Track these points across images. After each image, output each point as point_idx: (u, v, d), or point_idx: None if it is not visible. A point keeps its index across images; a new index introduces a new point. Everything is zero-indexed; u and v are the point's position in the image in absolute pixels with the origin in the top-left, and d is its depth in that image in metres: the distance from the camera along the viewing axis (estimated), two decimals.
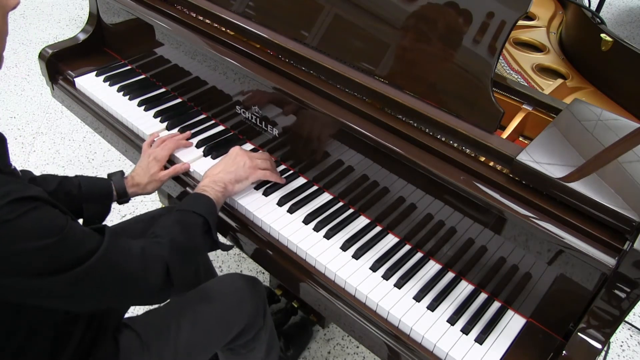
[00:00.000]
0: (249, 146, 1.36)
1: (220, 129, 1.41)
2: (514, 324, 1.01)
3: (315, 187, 1.25)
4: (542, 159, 0.92)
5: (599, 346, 0.86)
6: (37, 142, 2.64)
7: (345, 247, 1.11)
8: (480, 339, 0.97)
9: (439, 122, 1.02)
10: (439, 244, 1.09)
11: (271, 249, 1.14)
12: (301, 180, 1.27)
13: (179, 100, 1.52)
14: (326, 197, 1.23)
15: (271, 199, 1.21)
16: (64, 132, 2.72)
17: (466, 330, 0.98)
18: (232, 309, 1.21)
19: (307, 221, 1.16)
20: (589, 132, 1.01)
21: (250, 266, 2.09)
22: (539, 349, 0.97)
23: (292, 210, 1.18)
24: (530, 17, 1.77)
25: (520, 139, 1.16)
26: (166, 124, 1.42)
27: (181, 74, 1.46)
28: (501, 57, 1.49)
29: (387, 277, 1.06)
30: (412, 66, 1.07)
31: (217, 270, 2.00)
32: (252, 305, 1.24)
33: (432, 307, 1.01)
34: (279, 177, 1.24)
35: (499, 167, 0.98)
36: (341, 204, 1.22)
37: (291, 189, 1.24)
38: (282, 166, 1.31)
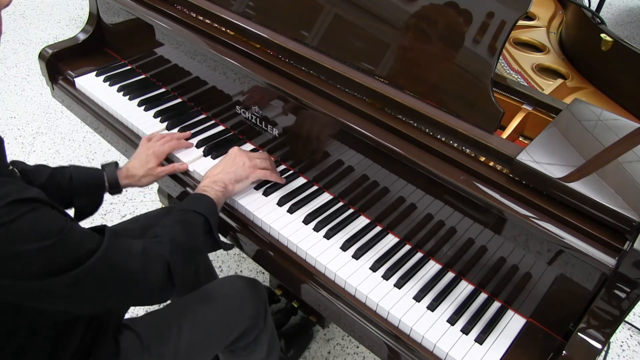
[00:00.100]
0: (249, 146, 1.36)
1: (220, 129, 1.41)
2: (514, 324, 1.01)
3: (315, 187, 1.25)
4: (542, 159, 0.92)
5: (599, 346, 0.86)
6: (37, 142, 2.64)
7: (345, 247, 1.11)
8: (480, 339, 0.97)
9: (439, 122, 1.02)
10: (439, 244, 1.09)
11: (271, 249, 1.14)
12: (301, 180, 1.27)
13: (179, 100, 1.52)
14: (326, 197, 1.23)
15: (271, 199, 1.21)
16: (64, 132, 2.72)
17: (466, 330, 0.98)
18: (233, 311, 1.21)
19: (307, 221, 1.16)
20: (589, 132, 1.01)
21: (250, 266, 2.09)
22: (539, 349, 0.97)
23: (292, 210, 1.18)
24: (530, 17, 1.77)
25: (520, 139, 1.16)
26: (166, 124, 1.42)
27: (181, 74, 1.46)
28: (501, 57, 1.49)
29: (387, 277, 1.06)
30: (412, 66, 1.08)
31: (217, 270, 2.00)
32: (253, 307, 1.24)
33: (432, 307, 1.01)
34: (278, 177, 1.24)
35: (499, 167, 0.98)
36: (341, 204, 1.22)
37: (291, 189, 1.24)
38: (282, 166, 1.31)
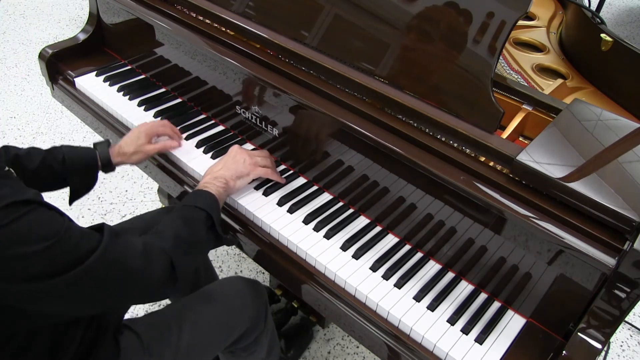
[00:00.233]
0: (249, 146, 1.36)
1: (220, 129, 1.41)
2: (514, 324, 1.01)
3: (315, 187, 1.25)
4: (542, 159, 0.92)
5: (599, 346, 0.86)
6: (37, 142, 2.64)
7: (345, 247, 1.11)
8: (480, 339, 0.97)
9: (439, 122, 1.02)
10: (439, 244, 1.09)
11: (271, 249, 1.14)
12: (301, 180, 1.27)
13: (179, 100, 1.52)
14: (326, 197, 1.23)
15: (271, 199, 1.21)
16: (64, 132, 2.72)
17: (466, 330, 0.98)
18: (233, 312, 1.21)
19: (307, 221, 1.16)
20: (589, 132, 1.01)
21: (250, 266, 2.09)
22: (539, 349, 0.97)
23: (292, 210, 1.18)
24: (530, 17, 1.77)
25: (520, 139, 1.16)
26: None
27: (181, 74, 1.46)
28: (501, 57, 1.49)
29: (387, 277, 1.06)
30: (412, 66, 1.08)
31: (217, 270, 2.00)
32: (254, 309, 1.24)
33: (432, 307, 1.01)
34: (279, 176, 1.24)
35: (499, 167, 0.98)
36: (341, 204, 1.22)
37: (291, 189, 1.24)
38: (282, 166, 1.31)
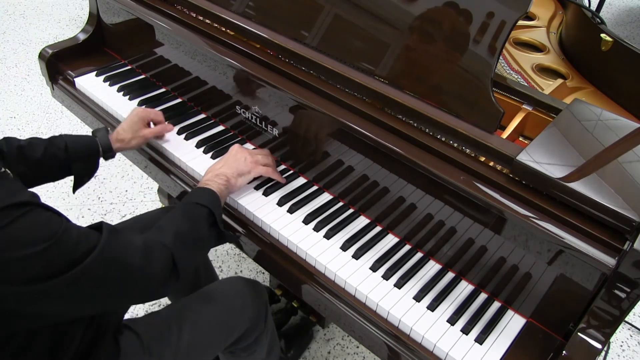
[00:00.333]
0: (249, 146, 1.36)
1: (220, 128, 1.41)
2: (514, 324, 1.01)
3: (315, 187, 1.25)
4: (542, 159, 0.92)
5: (599, 346, 0.86)
6: None
7: (345, 247, 1.11)
8: (480, 339, 0.97)
9: (439, 122, 1.02)
10: (439, 244, 1.09)
11: (271, 249, 1.14)
12: (301, 180, 1.27)
13: (179, 100, 1.52)
14: (326, 197, 1.23)
15: (271, 199, 1.21)
16: (63, 132, 2.71)
17: (466, 330, 0.98)
18: (233, 312, 1.21)
19: (307, 221, 1.16)
20: (589, 132, 1.01)
21: (250, 266, 2.09)
22: (539, 349, 0.97)
23: (292, 210, 1.18)
24: (530, 17, 1.77)
25: (520, 139, 1.16)
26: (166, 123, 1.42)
27: (181, 74, 1.46)
28: (501, 57, 1.49)
29: (387, 277, 1.06)
30: (412, 66, 1.08)
31: (217, 270, 2.00)
32: (254, 309, 1.24)
33: (432, 307, 1.01)
34: (279, 175, 1.24)
35: (499, 167, 0.98)
36: (341, 204, 1.22)
37: (291, 189, 1.24)
38: (282, 166, 1.31)
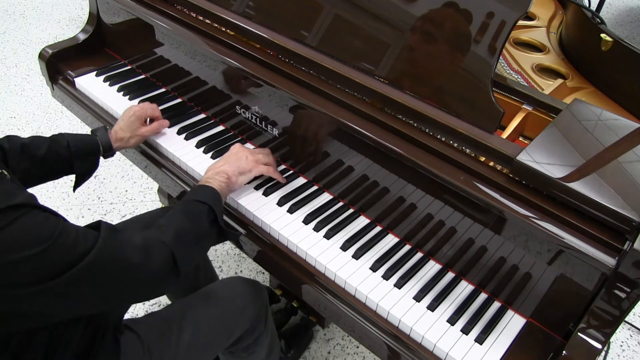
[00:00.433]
0: (249, 146, 1.36)
1: (220, 128, 1.41)
2: (514, 324, 1.01)
3: (315, 187, 1.25)
4: (542, 159, 0.92)
5: (599, 346, 0.86)
6: None
7: (345, 247, 1.11)
8: (480, 339, 0.97)
9: (439, 122, 1.02)
10: (439, 244, 1.09)
11: (271, 249, 1.14)
12: (301, 180, 1.27)
13: (179, 100, 1.52)
14: (326, 197, 1.23)
15: (271, 199, 1.21)
16: (64, 132, 2.71)
17: (466, 330, 0.98)
18: (234, 313, 1.21)
19: (307, 221, 1.16)
20: (589, 132, 1.01)
21: (250, 266, 2.09)
22: (539, 349, 0.97)
23: (292, 210, 1.18)
24: (530, 17, 1.77)
25: (520, 139, 1.16)
26: None
27: (181, 74, 1.46)
28: (501, 57, 1.49)
29: (387, 277, 1.06)
30: (412, 66, 1.08)
31: (217, 270, 2.00)
32: (254, 310, 1.24)
33: (432, 307, 1.01)
34: (280, 175, 1.24)
35: (499, 167, 0.98)
36: (341, 204, 1.22)
37: (291, 189, 1.24)
38: (282, 166, 1.31)
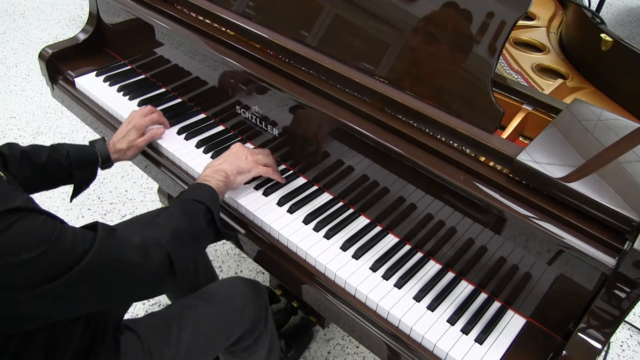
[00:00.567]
0: (249, 146, 1.36)
1: (220, 129, 1.41)
2: (514, 324, 1.01)
3: (315, 187, 1.25)
4: (542, 159, 0.92)
5: (599, 346, 0.86)
6: (37, 142, 2.63)
7: (345, 247, 1.11)
8: (480, 339, 0.97)
9: (439, 122, 1.02)
10: (439, 244, 1.09)
11: (271, 249, 1.14)
12: (301, 180, 1.27)
13: (179, 100, 1.52)
14: (326, 197, 1.23)
15: (271, 199, 1.21)
16: (64, 132, 2.72)
17: (466, 330, 0.98)
18: (234, 313, 1.21)
19: (307, 221, 1.16)
20: (589, 132, 1.01)
21: (250, 266, 2.09)
22: (539, 349, 0.97)
23: (292, 210, 1.18)
24: (530, 17, 1.77)
25: (520, 139, 1.16)
26: None
27: (181, 74, 1.46)
28: (501, 57, 1.49)
29: (387, 277, 1.06)
30: (412, 66, 1.08)
31: (217, 270, 2.00)
32: (254, 310, 1.24)
33: (432, 307, 1.01)
34: (279, 176, 1.24)
35: (499, 167, 0.98)
36: (341, 204, 1.22)
37: (291, 189, 1.24)
38: (282, 166, 1.31)
